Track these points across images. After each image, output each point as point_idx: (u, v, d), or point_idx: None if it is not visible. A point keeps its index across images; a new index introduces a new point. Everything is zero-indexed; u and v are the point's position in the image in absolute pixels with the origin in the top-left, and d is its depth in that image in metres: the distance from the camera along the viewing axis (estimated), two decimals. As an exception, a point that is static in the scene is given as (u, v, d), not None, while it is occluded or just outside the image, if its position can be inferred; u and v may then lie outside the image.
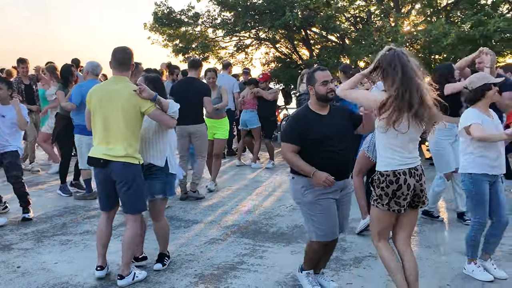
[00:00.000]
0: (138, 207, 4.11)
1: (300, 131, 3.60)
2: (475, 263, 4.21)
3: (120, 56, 4.09)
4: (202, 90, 6.85)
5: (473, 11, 11.14)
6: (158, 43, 14.52)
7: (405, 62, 3.21)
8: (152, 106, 4.03)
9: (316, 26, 12.97)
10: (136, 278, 4.13)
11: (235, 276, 4.28)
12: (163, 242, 4.54)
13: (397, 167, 3.30)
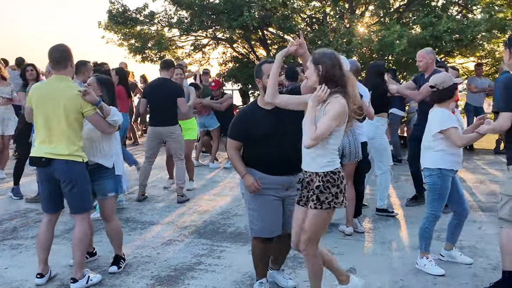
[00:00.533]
0: (84, 206, 4.06)
1: (244, 128, 3.63)
2: (427, 258, 4.33)
3: (57, 55, 4.02)
4: (175, 91, 6.73)
5: (424, 12, 11.46)
6: (113, 42, 14.25)
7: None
8: (93, 110, 4.00)
9: (272, 26, 13.03)
10: (90, 282, 4.06)
11: (193, 277, 4.25)
12: (117, 244, 4.48)
13: (339, 164, 3.35)
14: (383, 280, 4.14)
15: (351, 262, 4.53)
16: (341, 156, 5.18)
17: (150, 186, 7.72)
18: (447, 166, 4.24)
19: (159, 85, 6.82)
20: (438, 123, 4.22)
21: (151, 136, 6.76)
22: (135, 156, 10.37)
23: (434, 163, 4.28)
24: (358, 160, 5.26)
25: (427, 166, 4.34)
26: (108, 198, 4.30)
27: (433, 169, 4.28)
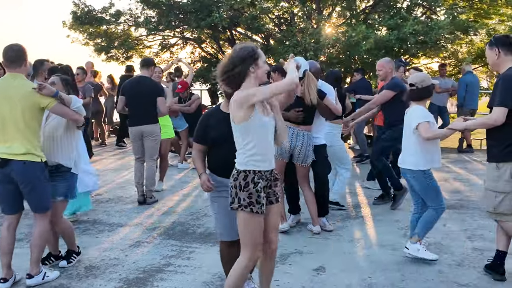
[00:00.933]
0: (45, 206, 4.02)
1: (203, 131, 3.63)
2: (421, 243, 4.48)
3: (12, 54, 3.95)
4: (155, 89, 6.61)
5: (390, 14, 11.66)
6: (78, 41, 14.01)
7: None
8: (53, 101, 3.94)
9: (241, 26, 13.04)
10: (47, 278, 4.06)
11: (162, 278, 4.21)
12: (68, 241, 4.49)
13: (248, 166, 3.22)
14: (352, 278, 4.19)
15: (320, 261, 4.57)
16: (292, 156, 5.28)
17: (117, 187, 7.62)
18: (429, 166, 4.41)
19: (139, 83, 6.63)
20: (417, 117, 4.35)
21: (133, 137, 6.61)
22: (100, 157, 10.25)
23: (417, 164, 4.39)
24: (306, 165, 5.30)
25: (410, 167, 4.43)
26: (57, 202, 4.24)
27: (415, 171, 4.39)
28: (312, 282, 4.11)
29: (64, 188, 4.25)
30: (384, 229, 5.50)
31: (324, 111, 5.33)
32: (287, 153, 5.26)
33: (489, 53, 4.02)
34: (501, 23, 14.40)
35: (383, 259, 4.61)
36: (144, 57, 7.83)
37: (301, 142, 5.19)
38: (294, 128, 5.21)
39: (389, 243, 5.03)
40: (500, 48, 3.94)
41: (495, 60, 4.00)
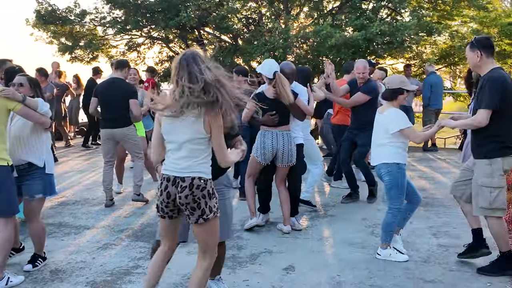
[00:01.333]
0: (11, 209, 3.96)
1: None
2: (391, 247, 4.59)
3: None
4: (128, 92, 6.41)
5: (356, 15, 11.82)
6: (42, 40, 13.72)
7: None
8: (19, 104, 3.94)
9: (209, 26, 13.00)
10: (10, 283, 3.97)
11: (130, 281, 4.16)
12: (38, 243, 4.41)
13: (164, 170, 3.14)
14: (321, 276, 4.23)
15: (289, 260, 4.59)
16: (274, 158, 5.29)
17: (84, 189, 7.49)
18: (403, 161, 4.52)
19: (112, 84, 6.45)
20: (397, 122, 4.45)
21: (105, 139, 6.46)
22: (66, 158, 10.05)
23: (391, 157, 4.49)
24: (292, 164, 5.33)
25: (385, 161, 4.52)
26: (35, 199, 4.23)
27: (390, 164, 4.48)
28: (282, 282, 4.12)
29: (40, 185, 4.22)
30: (352, 228, 5.57)
31: (296, 112, 5.35)
32: (270, 158, 5.28)
33: (470, 55, 4.13)
34: (464, 24, 14.79)
35: (351, 257, 4.66)
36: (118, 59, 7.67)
37: (282, 142, 5.20)
38: (272, 131, 5.23)
39: (357, 241, 5.09)
40: (482, 50, 4.08)
41: (476, 62, 4.12)
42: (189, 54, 3.02)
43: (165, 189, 3.08)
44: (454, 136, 14.57)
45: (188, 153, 3.03)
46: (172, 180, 3.06)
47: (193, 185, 3.02)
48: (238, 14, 13.05)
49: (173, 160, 3.08)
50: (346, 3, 12.68)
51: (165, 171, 3.11)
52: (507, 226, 5.42)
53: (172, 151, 3.10)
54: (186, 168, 3.04)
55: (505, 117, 4.06)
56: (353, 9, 12.37)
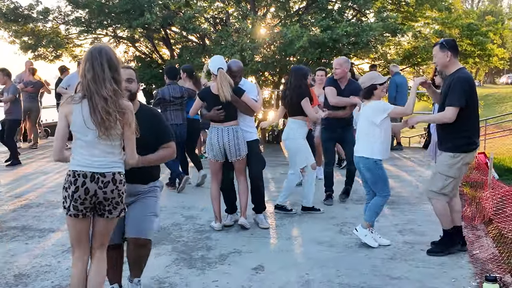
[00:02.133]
0: None
1: None
2: (370, 230, 4.91)
3: None
4: None
5: (322, 15, 11.94)
6: (3, 39, 13.36)
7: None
8: None
9: (176, 26, 12.91)
10: None
11: (97, 284, 4.09)
12: None
13: (77, 167, 3.05)
14: (290, 275, 4.25)
15: (258, 259, 4.60)
16: (224, 153, 5.34)
17: (48, 191, 7.32)
18: (383, 156, 4.87)
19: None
20: (380, 110, 4.77)
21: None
22: (31, 160, 9.81)
23: (374, 153, 4.82)
24: (241, 158, 5.36)
25: (367, 156, 4.84)
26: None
27: (369, 159, 4.82)
28: (251, 281, 4.13)
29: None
30: (321, 226, 5.62)
31: (242, 108, 5.36)
32: (221, 153, 5.31)
33: (440, 55, 4.45)
34: (427, 25, 15.14)
35: (320, 255, 4.71)
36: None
37: (227, 138, 5.26)
38: (218, 127, 5.31)
39: (325, 240, 5.14)
40: (451, 51, 4.42)
41: (446, 62, 4.46)
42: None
43: (82, 185, 2.99)
44: (418, 135, 14.91)
45: (107, 150, 3.05)
46: (91, 176, 3.00)
47: (115, 180, 3.05)
48: (205, 14, 13.00)
49: (88, 157, 3.02)
50: (312, 3, 12.80)
51: (79, 167, 3.01)
52: (469, 222, 5.59)
53: (86, 148, 3.02)
54: (104, 164, 3.03)
55: (471, 114, 4.41)
56: (320, 10, 12.50)
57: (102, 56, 2.99)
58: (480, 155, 8.15)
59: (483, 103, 19.51)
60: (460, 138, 4.42)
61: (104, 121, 2.94)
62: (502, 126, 18.69)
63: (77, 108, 2.99)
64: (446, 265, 4.41)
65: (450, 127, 4.42)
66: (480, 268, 4.30)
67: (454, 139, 4.43)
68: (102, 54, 3.00)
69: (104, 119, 2.94)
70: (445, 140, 4.54)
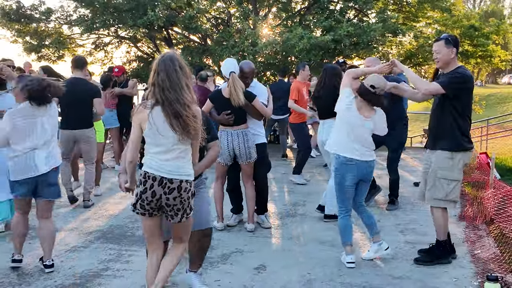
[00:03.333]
0: None
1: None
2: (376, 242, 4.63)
3: None
4: (91, 91, 6.32)
5: (324, 16, 11.94)
6: (5, 38, 13.40)
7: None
8: None
9: (177, 26, 12.93)
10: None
11: (100, 283, 4.11)
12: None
13: (148, 169, 3.18)
14: (291, 274, 4.27)
15: (260, 259, 4.62)
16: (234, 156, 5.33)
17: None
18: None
19: (73, 84, 6.18)
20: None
21: (65, 140, 6.33)
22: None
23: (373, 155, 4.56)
24: (252, 161, 5.34)
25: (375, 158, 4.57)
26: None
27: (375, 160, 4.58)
28: (253, 281, 4.15)
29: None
30: (322, 226, 5.64)
31: (252, 112, 5.31)
32: (230, 157, 5.31)
33: (445, 51, 4.25)
34: (428, 26, 15.14)
35: (321, 255, 4.72)
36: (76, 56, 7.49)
37: (237, 141, 5.24)
38: (228, 130, 5.27)
39: (327, 240, 5.16)
40: (456, 48, 4.29)
41: (449, 59, 4.28)
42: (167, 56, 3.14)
43: (150, 187, 3.12)
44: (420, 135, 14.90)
45: (177, 155, 3.14)
46: (159, 180, 3.12)
47: (181, 188, 3.13)
48: (207, 14, 13.02)
49: (159, 161, 3.13)
50: (314, 4, 12.80)
51: (150, 169, 3.14)
52: (470, 222, 5.59)
53: (159, 153, 3.14)
54: (174, 170, 3.13)
55: (469, 112, 4.32)
56: (321, 10, 12.50)
57: (175, 64, 3.10)
58: (482, 155, 8.16)
59: (485, 103, 19.53)
60: (458, 135, 4.27)
61: (185, 126, 3.07)
62: (504, 126, 18.68)
63: (150, 115, 3.09)
64: (447, 264, 4.42)
65: (447, 123, 4.28)
66: (482, 267, 4.32)
67: (452, 137, 4.27)
68: (175, 61, 3.11)
69: (185, 124, 3.07)
70: (440, 137, 4.34)
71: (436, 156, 4.36)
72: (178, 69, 3.10)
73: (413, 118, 23.95)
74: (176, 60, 3.12)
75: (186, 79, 3.13)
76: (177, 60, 3.12)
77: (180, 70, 3.10)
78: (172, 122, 3.06)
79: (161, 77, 3.08)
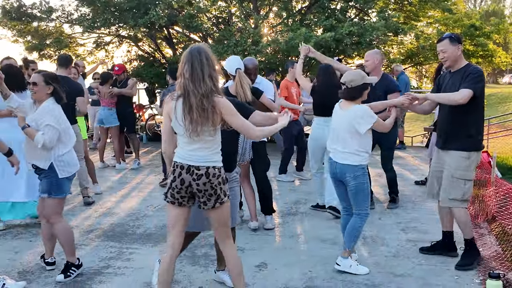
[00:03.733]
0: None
1: None
2: (351, 257, 4.27)
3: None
4: (75, 90, 6.27)
5: (325, 15, 11.92)
6: (7, 38, 13.39)
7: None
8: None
9: (178, 25, 12.91)
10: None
11: (101, 281, 4.11)
12: (66, 249, 4.22)
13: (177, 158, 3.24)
14: (293, 272, 4.26)
15: (262, 257, 4.61)
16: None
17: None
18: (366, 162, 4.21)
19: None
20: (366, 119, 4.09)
21: None
22: None
23: (358, 161, 4.15)
24: (245, 163, 5.28)
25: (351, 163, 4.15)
26: (45, 199, 4.10)
27: (357, 167, 4.14)
28: (254, 278, 4.14)
29: (46, 185, 4.05)
30: (323, 224, 5.63)
31: (260, 109, 5.22)
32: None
33: (452, 48, 4.19)
34: (429, 25, 15.13)
35: (323, 253, 4.72)
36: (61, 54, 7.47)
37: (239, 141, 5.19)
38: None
39: (328, 238, 5.15)
40: (460, 44, 4.22)
41: (457, 55, 4.22)
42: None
43: (179, 175, 3.17)
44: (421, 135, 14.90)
45: (200, 146, 3.16)
46: (186, 168, 3.17)
47: (209, 174, 3.17)
48: (208, 13, 13.01)
49: (187, 151, 3.18)
50: (315, 3, 12.78)
51: (178, 159, 3.20)
52: (472, 220, 5.58)
53: (185, 143, 3.19)
54: (200, 158, 3.17)
55: (482, 110, 4.24)
56: (322, 9, 12.49)
57: (202, 55, 3.14)
58: (483, 154, 8.14)
59: (486, 102, 19.46)
60: (473, 134, 4.17)
61: (198, 118, 3.07)
62: (504, 126, 18.65)
63: (174, 106, 3.15)
64: (449, 262, 4.41)
65: (462, 122, 4.16)
66: (483, 265, 4.31)
67: (467, 136, 4.17)
68: (201, 52, 3.14)
69: (198, 116, 3.07)
70: (455, 137, 4.21)
71: (451, 157, 4.25)
72: (204, 60, 3.12)
73: (414, 118, 23.94)
74: (203, 51, 3.15)
75: (211, 70, 3.14)
76: (204, 51, 3.15)
77: (206, 61, 3.13)
78: (184, 114, 3.10)
79: (185, 68, 3.13)
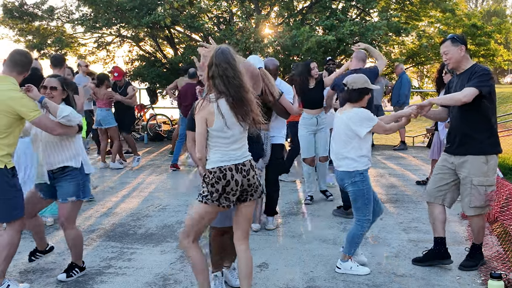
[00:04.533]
0: (11, 214, 3.71)
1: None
2: (351, 260, 4.26)
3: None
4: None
5: (326, 15, 11.92)
6: (8, 38, 13.41)
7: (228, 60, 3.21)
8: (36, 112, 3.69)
9: (180, 25, 12.92)
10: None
11: (102, 281, 4.11)
12: (74, 251, 4.18)
13: (220, 163, 3.22)
14: (294, 272, 4.26)
15: (263, 257, 4.61)
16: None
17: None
18: (365, 167, 4.13)
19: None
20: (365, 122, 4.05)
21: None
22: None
23: (355, 165, 4.09)
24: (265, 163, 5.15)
25: (347, 169, 4.12)
26: (68, 202, 3.99)
27: (354, 173, 4.08)
28: (255, 279, 4.13)
29: (73, 187, 3.98)
30: (324, 224, 5.63)
31: (279, 110, 5.07)
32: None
33: (454, 50, 4.06)
34: (431, 25, 15.11)
35: (324, 253, 4.71)
36: (54, 54, 7.47)
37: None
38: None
39: (329, 238, 5.15)
40: (464, 45, 4.09)
41: (460, 57, 4.08)
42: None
43: (232, 178, 3.20)
44: (422, 135, 14.88)
45: (243, 142, 3.31)
46: (235, 169, 3.22)
47: (252, 166, 3.32)
48: (209, 13, 13.02)
49: (229, 151, 3.23)
50: (316, 2, 12.79)
51: (223, 163, 3.21)
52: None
53: (227, 144, 3.22)
54: (242, 154, 3.28)
55: (494, 111, 4.11)
56: (323, 9, 12.49)
57: (232, 54, 3.21)
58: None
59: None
60: (489, 138, 4.02)
61: (249, 113, 3.21)
62: (506, 126, 18.64)
63: (216, 108, 3.16)
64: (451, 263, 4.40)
65: (475, 125, 4.01)
66: (485, 266, 4.30)
67: (485, 139, 4.01)
68: (231, 52, 3.22)
69: (249, 110, 3.20)
70: (472, 140, 4.03)
71: (468, 163, 4.07)
72: (236, 58, 3.22)
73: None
74: (232, 51, 3.24)
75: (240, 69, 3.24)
76: (232, 51, 3.23)
77: (235, 60, 3.21)
78: (237, 111, 3.17)
79: (222, 68, 3.15)
